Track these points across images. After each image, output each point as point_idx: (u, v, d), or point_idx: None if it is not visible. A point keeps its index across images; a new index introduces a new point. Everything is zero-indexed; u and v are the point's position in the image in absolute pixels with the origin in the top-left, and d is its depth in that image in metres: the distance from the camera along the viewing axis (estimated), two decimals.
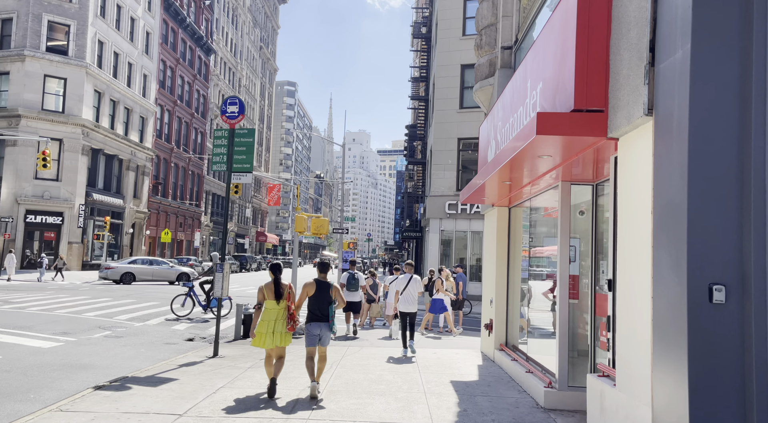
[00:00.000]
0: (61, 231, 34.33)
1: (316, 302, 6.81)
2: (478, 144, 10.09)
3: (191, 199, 55.37)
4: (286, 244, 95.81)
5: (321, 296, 6.81)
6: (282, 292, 6.78)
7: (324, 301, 6.80)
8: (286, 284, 6.89)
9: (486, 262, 10.52)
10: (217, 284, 9.26)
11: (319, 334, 6.80)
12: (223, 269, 9.21)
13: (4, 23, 34.22)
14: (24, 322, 12.40)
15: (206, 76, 58.27)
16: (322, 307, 6.78)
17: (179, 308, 15.41)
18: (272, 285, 6.80)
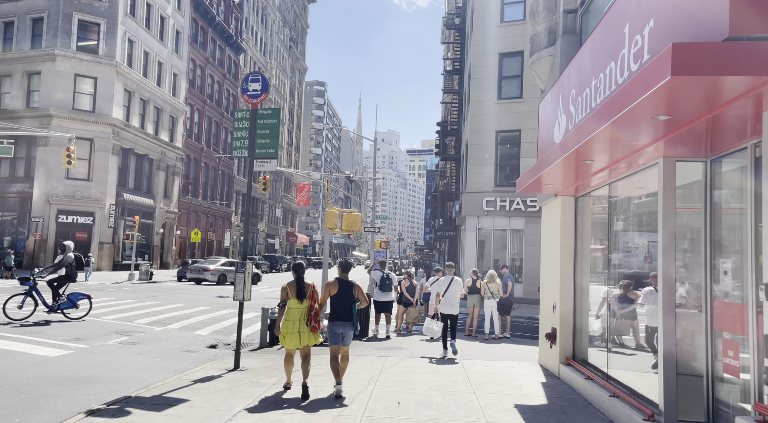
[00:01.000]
0: (92, 231, 34.13)
1: (339, 301, 6.78)
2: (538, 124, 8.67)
3: (221, 199, 55.09)
4: (317, 245, 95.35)
5: (344, 295, 6.79)
6: (305, 292, 6.73)
7: (347, 300, 6.79)
8: (309, 284, 6.86)
9: (546, 260, 9.11)
10: (238, 285, 8.11)
11: (342, 332, 6.77)
12: (245, 269, 8.05)
13: (35, 23, 34.23)
14: (37, 326, 11.54)
15: (236, 76, 57.96)
16: (345, 306, 6.76)
17: (14, 311, 12.78)
18: (295, 284, 6.79)
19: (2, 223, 34.37)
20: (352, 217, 12.24)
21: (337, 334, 6.76)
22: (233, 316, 15.04)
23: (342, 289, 6.81)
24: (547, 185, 7.52)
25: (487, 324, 12.91)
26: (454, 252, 37.63)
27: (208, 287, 26.87)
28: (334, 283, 6.87)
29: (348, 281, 6.91)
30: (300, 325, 6.64)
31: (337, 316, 6.76)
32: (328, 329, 6.92)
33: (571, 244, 8.05)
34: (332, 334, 6.79)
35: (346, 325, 6.76)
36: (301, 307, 6.68)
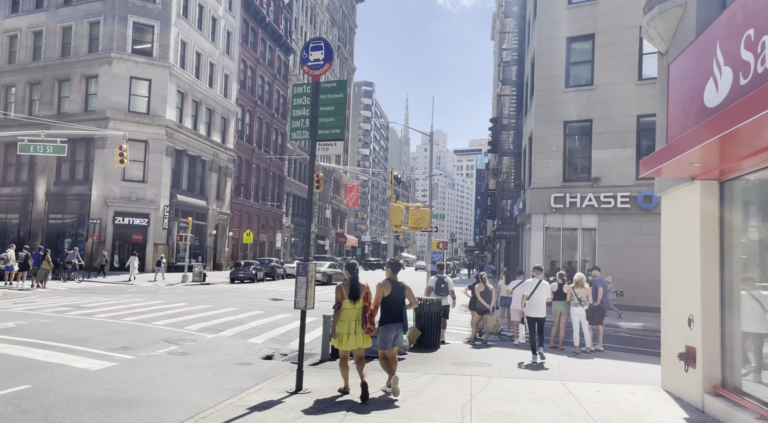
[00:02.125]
0: (147, 233, 34.22)
1: (391, 303, 6.69)
2: (668, 91, 6.94)
3: (272, 200, 54.94)
4: (366, 246, 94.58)
5: (396, 297, 6.72)
6: (359, 292, 6.56)
7: (398, 302, 6.73)
8: (363, 284, 6.65)
9: (672, 261, 7.39)
10: (299, 291, 6.83)
11: (395, 335, 6.71)
12: (307, 272, 6.76)
13: (92, 27, 34.68)
14: (84, 332, 10.72)
15: (285, 76, 57.78)
16: (397, 308, 6.69)
17: None
18: (349, 284, 6.61)
19: (63, 225, 34.99)
20: (419, 212, 10.84)
21: (390, 338, 6.67)
22: (289, 322, 13.91)
23: (394, 291, 6.72)
24: (691, 165, 5.83)
25: (576, 335, 11.21)
26: (514, 253, 35.59)
27: (261, 289, 26.10)
28: (386, 284, 6.77)
29: (399, 282, 6.85)
30: (356, 326, 6.50)
31: (388, 319, 6.67)
32: (379, 332, 6.80)
33: (716, 241, 6.32)
34: (385, 338, 6.67)
35: (398, 327, 6.74)
36: (355, 307, 6.53)
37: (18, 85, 36.15)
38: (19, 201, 35.77)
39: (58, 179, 35.04)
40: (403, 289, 6.86)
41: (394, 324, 6.70)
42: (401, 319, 6.76)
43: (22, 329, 10.63)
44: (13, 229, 36.25)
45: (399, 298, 6.77)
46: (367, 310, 6.58)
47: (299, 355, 7.13)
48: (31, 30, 36.16)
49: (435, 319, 10.73)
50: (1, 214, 36.50)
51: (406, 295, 6.90)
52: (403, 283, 6.91)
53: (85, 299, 17.20)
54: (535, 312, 10.01)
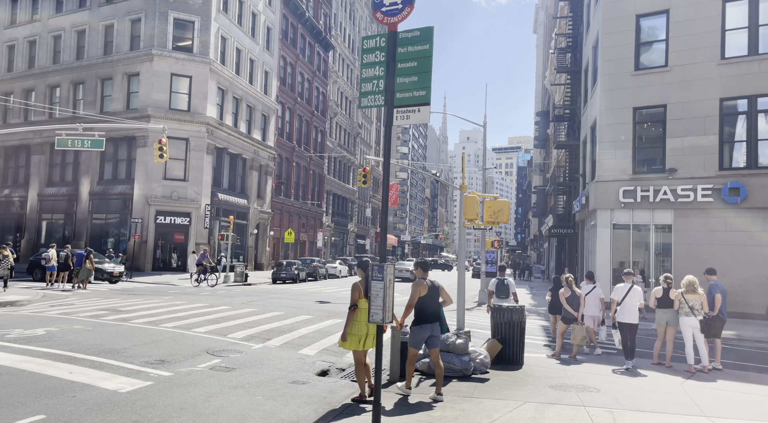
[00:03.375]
0: (189, 232, 33.64)
1: (428, 302, 6.64)
2: None
3: (312, 198, 54.05)
4: (406, 245, 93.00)
5: (432, 296, 6.69)
6: None
7: (435, 301, 6.71)
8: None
9: None
10: (375, 300, 5.33)
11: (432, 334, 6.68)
12: (384, 275, 5.25)
13: (134, 24, 34.35)
14: (118, 342, 9.54)
15: (325, 73, 56.82)
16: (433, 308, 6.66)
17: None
18: (364, 283, 6.38)
19: (106, 225, 34.81)
20: (497, 204, 9.22)
21: (423, 337, 6.62)
22: (341, 329, 12.49)
23: (430, 291, 6.69)
24: None
25: (688, 350, 9.34)
26: (570, 252, 33.36)
27: (305, 290, 24.88)
28: (421, 283, 6.74)
29: (433, 281, 6.85)
30: (370, 326, 6.29)
31: (424, 319, 6.62)
32: (412, 331, 6.79)
33: None
34: (418, 337, 6.61)
35: (434, 327, 6.70)
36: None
37: (62, 84, 36.22)
38: (64, 201, 35.83)
39: (101, 179, 34.88)
40: (438, 289, 6.84)
41: (429, 324, 6.62)
42: (437, 318, 6.68)
43: (52, 337, 9.55)
44: (58, 229, 36.37)
45: (434, 298, 6.70)
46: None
47: (376, 385, 5.59)
48: (74, 29, 36.16)
49: (517, 330, 9.08)
50: (47, 214, 36.67)
51: (441, 294, 6.85)
52: (436, 282, 6.91)
53: (123, 302, 16.27)
54: (628, 317, 9.54)
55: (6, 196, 38.19)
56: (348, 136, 66.17)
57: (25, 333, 9.82)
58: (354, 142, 68.70)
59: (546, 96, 62.94)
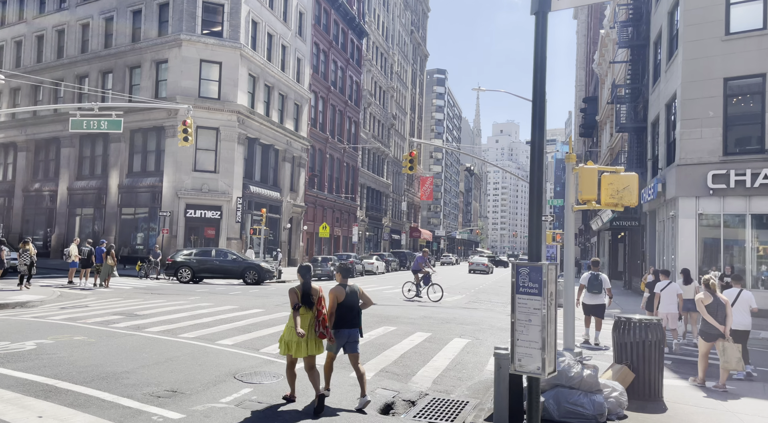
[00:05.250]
0: (220, 226, 31.94)
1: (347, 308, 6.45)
2: None
3: (346, 192, 51.99)
4: (441, 240, 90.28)
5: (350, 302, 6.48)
6: (312, 299, 6.16)
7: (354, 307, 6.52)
8: (316, 288, 6.30)
9: None
10: (524, 330, 2.96)
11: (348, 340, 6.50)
12: (543, 285, 2.87)
13: (162, 9, 32.77)
14: (121, 361, 7.46)
15: (359, 62, 54.59)
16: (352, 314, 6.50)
17: None
18: (301, 289, 6.18)
19: (135, 219, 33.45)
20: (621, 180, 6.76)
21: (340, 343, 6.46)
22: (398, 340, 10.20)
23: (349, 295, 6.46)
24: None
25: None
26: (633, 247, 30.29)
27: None
28: (339, 289, 6.43)
29: (351, 285, 6.57)
30: (309, 332, 6.11)
31: (343, 323, 6.42)
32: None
33: None
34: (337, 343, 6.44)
35: (352, 332, 6.52)
36: (309, 313, 6.15)
37: (91, 74, 34.98)
38: (93, 194, 34.67)
39: (130, 171, 33.53)
40: (356, 293, 6.62)
41: (347, 329, 6.47)
42: (357, 324, 6.57)
43: (39, 355, 7.55)
44: (88, 223, 35.25)
45: (354, 303, 6.55)
46: (320, 314, 6.20)
47: None
48: (102, 16, 34.85)
49: (655, 352, 6.59)
50: (77, 208, 35.59)
51: (360, 297, 6.66)
52: (355, 286, 6.68)
53: (144, 303, 14.38)
54: (743, 325, 8.52)
55: (36, 190, 37.35)
56: (382, 128, 63.88)
57: (10, 347, 7.87)
58: (388, 133, 66.38)
59: (593, 81, 59.20)
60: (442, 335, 11.16)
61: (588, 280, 11.51)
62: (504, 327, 13.11)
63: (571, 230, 7.12)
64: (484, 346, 10.27)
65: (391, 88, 66.59)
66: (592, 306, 11.50)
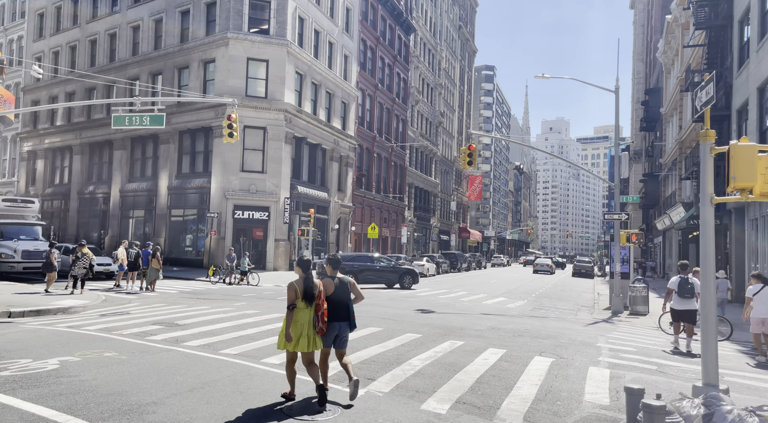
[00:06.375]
0: (268, 227, 31.28)
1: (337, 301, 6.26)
2: None
3: (394, 191, 50.72)
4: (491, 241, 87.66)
5: (340, 294, 6.29)
6: (314, 292, 6.01)
7: (345, 299, 6.33)
8: (317, 282, 6.12)
9: None
10: None
11: (338, 334, 6.28)
12: None
13: (209, 8, 32.45)
14: (149, 387, 6.32)
15: (406, 58, 53.24)
16: (343, 306, 6.29)
17: None
18: (302, 283, 6.03)
19: (184, 220, 33.26)
20: None
21: (331, 337, 6.24)
22: (469, 358, 8.73)
23: (338, 287, 6.30)
24: None
25: None
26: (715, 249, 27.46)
27: (396, 294, 21.38)
28: (327, 281, 6.29)
29: (341, 278, 6.40)
30: (309, 328, 6.00)
31: (333, 317, 6.21)
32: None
33: None
34: (327, 336, 6.23)
35: (342, 326, 6.28)
36: (310, 309, 6.03)
37: (141, 76, 35.11)
38: (144, 196, 34.78)
39: (179, 173, 33.39)
40: (347, 285, 6.37)
41: (337, 322, 6.21)
42: (348, 317, 6.30)
43: (60, 377, 6.53)
44: (139, 225, 35.40)
45: (344, 295, 6.30)
46: (319, 309, 6.05)
47: None
48: (152, 18, 34.94)
49: None
50: (129, 211, 35.82)
51: (351, 290, 6.42)
52: (346, 278, 6.40)
53: (186, 310, 13.48)
54: None
55: (90, 193, 37.90)
56: (430, 126, 62.29)
57: (29, 367, 6.91)
58: (436, 131, 64.71)
59: (655, 72, 55.58)
60: (518, 352, 9.62)
61: (678, 285, 11.13)
62: (587, 341, 11.41)
63: (711, 230, 5.48)
64: (572, 367, 8.67)
65: (439, 85, 64.90)
66: (682, 311, 11.05)
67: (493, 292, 25.24)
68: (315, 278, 6.12)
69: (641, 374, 8.43)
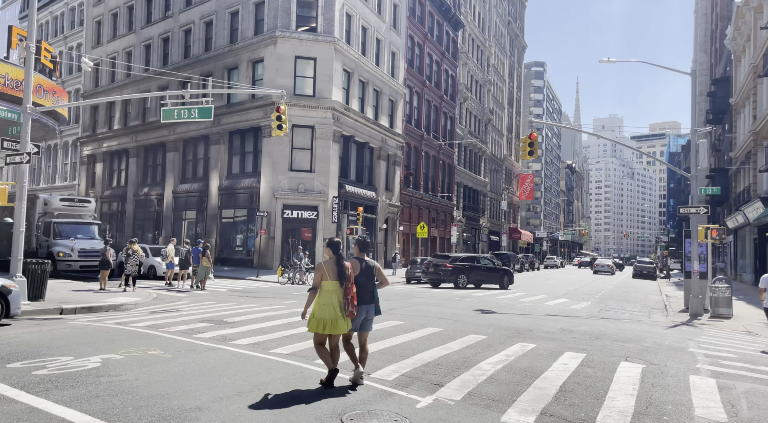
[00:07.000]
0: (316, 227, 30.91)
1: (361, 283, 6.18)
2: None
3: (442, 191, 49.58)
4: (543, 242, 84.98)
5: (365, 276, 6.22)
6: (345, 272, 5.97)
7: (370, 282, 6.26)
8: (347, 264, 6.07)
9: None
10: None
11: (366, 317, 6.24)
12: None
13: (258, 7, 32.48)
14: (194, 391, 5.67)
15: (454, 55, 52.05)
16: (368, 288, 6.21)
17: None
18: (334, 264, 6.01)
19: (234, 220, 33.38)
20: None
21: (359, 320, 6.18)
22: (542, 362, 7.73)
23: (364, 271, 6.21)
24: None
25: None
26: None
27: (451, 294, 20.41)
28: (354, 262, 6.22)
29: (367, 261, 6.31)
30: (338, 310, 5.92)
31: (359, 299, 6.11)
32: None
33: None
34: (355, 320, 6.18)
35: (369, 308, 6.25)
36: (340, 290, 5.95)
37: (192, 78, 35.55)
38: (195, 197, 35.17)
39: (229, 173, 33.55)
40: (373, 269, 6.31)
41: (364, 305, 6.14)
42: (373, 300, 6.26)
43: (100, 376, 6.00)
44: (191, 225, 35.83)
45: (369, 278, 6.24)
46: (349, 292, 5.93)
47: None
48: (203, 20, 35.36)
49: None
50: (182, 211, 36.32)
51: (376, 275, 6.33)
52: (372, 261, 6.35)
53: (236, 308, 13.02)
54: None
55: (145, 195, 38.72)
56: (479, 123, 60.78)
57: (70, 365, 6.43)
58: (485, 129, 63.10)
59: (722, 61, 52.12)
60: (600, 357, 8.52)
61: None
62: (675, 346, 10.14)
63: None
64: (668, 375, 7.52)
65: (488, 82, 63.30)
66: None
67: (553, 293, 23.87)
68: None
69: (755, 385, 7.19)
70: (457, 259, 25.28)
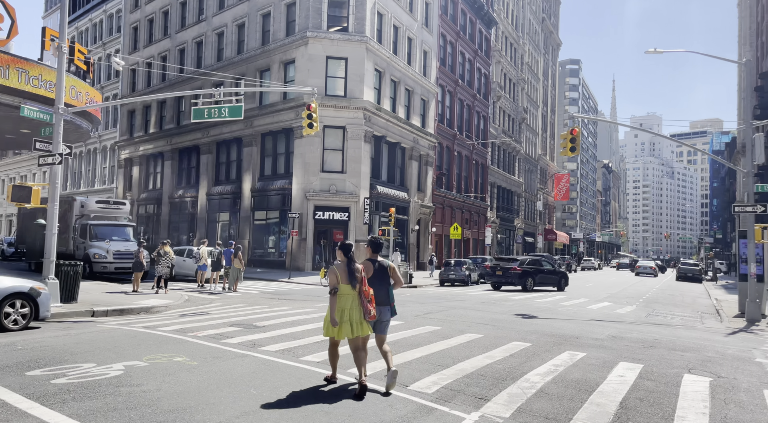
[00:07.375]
0: (348, 228, 30.56)
1: (375, 284, 6.08)
2: None
3: (475, 191, 48.62)
4: (580, 243, 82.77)
5: (379, 277, 6.12)
6: (357, 275, 5.86)
7: (383, 283, 6.15)
8: (358, 266, 5.98)
9: None
10: None
11: (380, 318, 6.10)
12: None
13: (289, 8, 32.40)
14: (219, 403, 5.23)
15: (487, 53, 51.08)
16: (382, 289, 6.09)
17: None
18: (345, 267, 5.89)
19: (267, 222, 33.34)
20: None
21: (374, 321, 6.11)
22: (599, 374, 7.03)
23: (377, 271, 6.12)
24: None
25: None
26: None
27: (487, 296, 19.67)
28: (367, 264, 6.12)
29: (381, 261, 6.20)
30: (352, 313, 5.80)
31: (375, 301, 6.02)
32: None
33: None
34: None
35: (383, 310, 6.09)
36: (353, 293, 5.84)
37: (225, 81, 35.77)
38: (228, 199, 35.32)
39: (261, 175, 33.55)
40: (387, 269, 6.20)
41: (379, 307, 6.00)
42: (388, 301, 6.12)
43: (121, 386, 5.64)
44: (225, 227, 36.00)
45: (384, 280, 6.14)
46: (366, 294, 5.80)
47: None
48: (235, 23, 35.54)
49: None
50: (215, 214, 36.54)
51: (391, 275, 6.22)
52: (386, 261, 6.22)
53: (267, 311, 12.68)
54: None
55: (180, 197, 39.14)
56: (512, 122, 59.53)
57: (91, 373, 6.11)
58: (519, 128, 61.78)
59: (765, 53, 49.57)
60: (659, 368, 7.76)
61: None
62: (739, 355, 9.26)
63: None
64: (740, 390, 6.74)
65: (522, 80, 61.98)
66: None
67: (595, 296, 22.83)
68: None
69: None
70: (525, 262, 25.32)
